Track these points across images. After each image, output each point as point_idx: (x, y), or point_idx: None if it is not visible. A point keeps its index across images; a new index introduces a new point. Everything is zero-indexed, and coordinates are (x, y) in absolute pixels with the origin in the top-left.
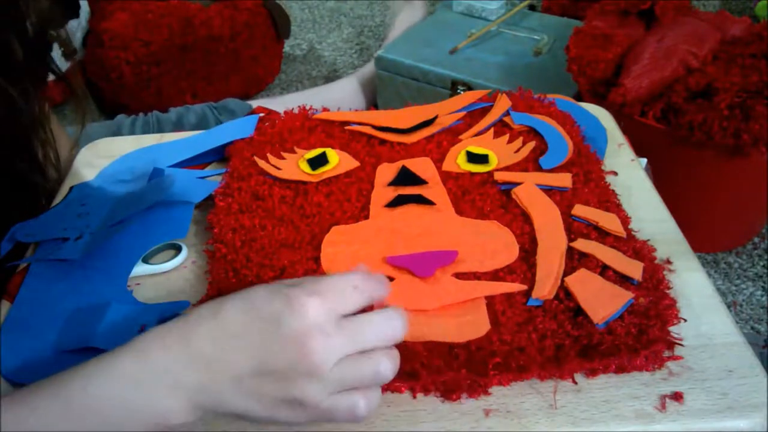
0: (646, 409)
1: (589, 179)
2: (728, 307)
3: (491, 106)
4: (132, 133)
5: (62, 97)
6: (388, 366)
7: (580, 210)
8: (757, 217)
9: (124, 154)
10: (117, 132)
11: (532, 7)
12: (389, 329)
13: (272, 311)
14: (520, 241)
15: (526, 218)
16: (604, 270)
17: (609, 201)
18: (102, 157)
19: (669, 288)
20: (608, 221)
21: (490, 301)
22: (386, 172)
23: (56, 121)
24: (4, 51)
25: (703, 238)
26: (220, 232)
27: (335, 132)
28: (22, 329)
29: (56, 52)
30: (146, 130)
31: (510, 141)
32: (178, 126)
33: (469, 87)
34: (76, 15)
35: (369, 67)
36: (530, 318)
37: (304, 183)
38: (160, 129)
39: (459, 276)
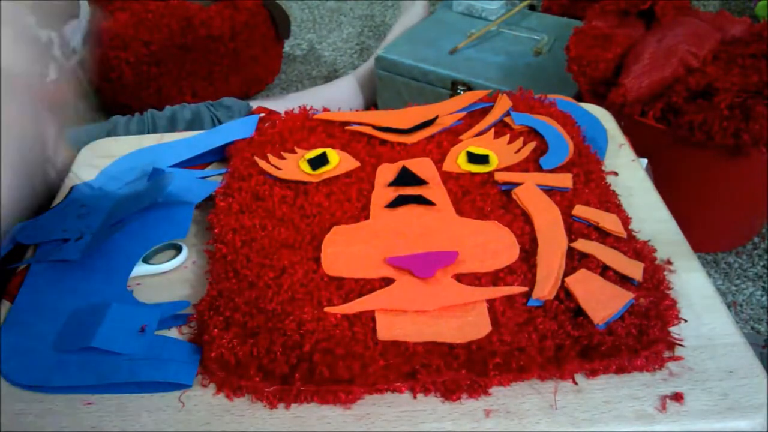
0: (646, 410)
1: (589, 179)
2: (728, 307)
3: (491, 106)
4: (127, 132)
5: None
6: None
7: (580, 210)
8: (757, 217)
9: (124, 155)
10: (112, 132)
11: (532, 7)
12: None
13: None
14: (520, 241)
15: (527, 218)
16: (604, 270)
17: (609, 201)
18: (102, 157)
19: (669, 288)
20: (609, 222)
21: (491, 301)
22: (387, 172)
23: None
24: None
25: (703, 238)
26: (220, 232)
27: (336, 132)
28: (22, 329)
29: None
30: (141, 128)
31: (510, 141)
32: (172, 122)
33: (469, 87)
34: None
35: (368, 67)
36: (530, 318)
37: (305, 183)
38: (154, 126)
39: (460, 276)
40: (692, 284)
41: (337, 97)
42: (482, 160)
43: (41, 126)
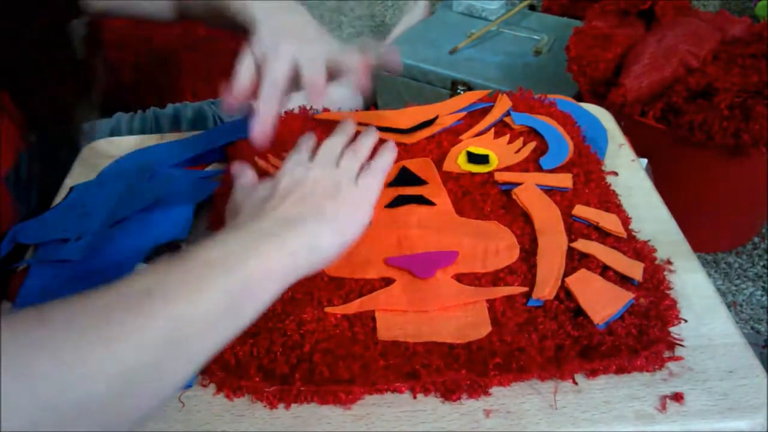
0: (646, 410)
1: (589, 179)
2: (728, 307)
3: (491, 106)
4: (130, 130)
5: None
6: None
7: (580, 210)
8: (757, 217)
9: (124, 154)
10: (116, 129)
11: (532, 7)
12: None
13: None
14: (520, 241)
15: (527, 218)
16: (604, 270)
17: (609, 201)
18: (102, 157)
19: (669, 288)
20: (609, 222)
21: (491, 301)
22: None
23: None
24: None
25: (703, 238)
26: None
27: None
28: None
29: None
30: (144, 126)
31: (510, 141)
32: (175, 122)
33: (469, 87)
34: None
35: None
36: (530, 318)
37: None
38: (157, 125)
39: (460, 276)
40: (692, 284)
41: (337, 98)
42: (482, 160)
43: None
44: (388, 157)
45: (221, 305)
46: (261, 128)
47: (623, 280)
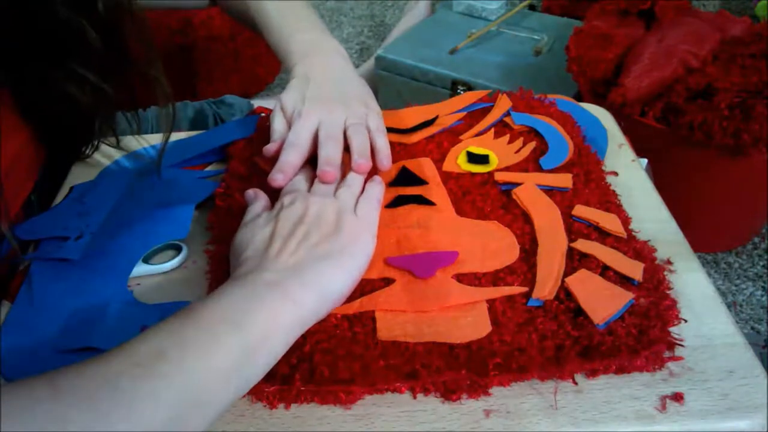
0: (646, 410)
1: (589, 180)
2: (728, 307)
3: (492, 106)
4: (130, 128)
5: None
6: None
7: (580, 210)
8: (757, 217)
9: (124, 154)
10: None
11: (532, 7)
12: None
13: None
14: (520, 241)
15: (527, 218)
16: (604, 270)
17: (609, 201)
18: (102, 156)
19: (669, 288)
20: (609, 222)
21: (491, 301)
22: (386, 172)
23: None
24: (79, 37)
25: (703, 238)
26: (220, 233)
27: None
28: (22, 329)
29: None
30: (145, 126)
31: (510, 141)
32: (175, 120)
33: (469, 87)
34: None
35: (368, 67)
36: (531, 318)
37: None
38: (157, 124)
39: (460, 276)
40: (692, 284)
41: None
42: (482, 160)
43: None
44: (378, 189)
45: (235, 360)
46: (281, 176)
47: (623, 280)
